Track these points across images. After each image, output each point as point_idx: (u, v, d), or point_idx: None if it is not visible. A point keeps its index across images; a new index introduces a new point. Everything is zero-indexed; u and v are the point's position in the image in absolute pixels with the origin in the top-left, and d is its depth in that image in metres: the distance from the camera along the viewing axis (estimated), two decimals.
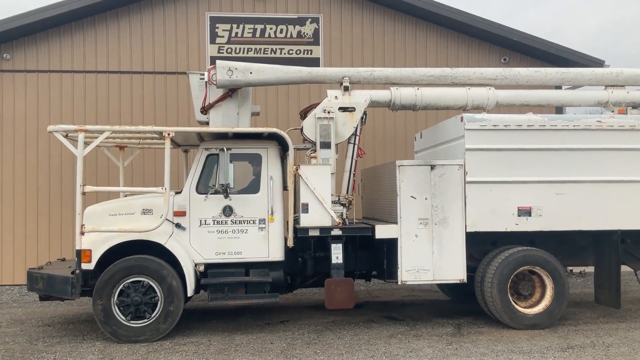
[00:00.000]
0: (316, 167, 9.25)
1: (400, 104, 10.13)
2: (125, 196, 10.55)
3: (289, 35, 14.32)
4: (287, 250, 9.22)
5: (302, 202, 9.06)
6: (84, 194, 8.54)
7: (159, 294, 8.64)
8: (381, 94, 10.09)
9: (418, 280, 9.16)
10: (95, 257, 8.63)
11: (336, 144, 9.75)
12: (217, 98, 9.96)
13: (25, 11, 13.26)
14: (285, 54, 14.25)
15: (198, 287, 9.05)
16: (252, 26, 14.24)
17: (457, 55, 14.90)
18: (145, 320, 8.63)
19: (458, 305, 11.02)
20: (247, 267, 9.09)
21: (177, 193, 9.13)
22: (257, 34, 14.23)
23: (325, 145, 9.62)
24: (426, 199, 9.14)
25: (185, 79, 13.89)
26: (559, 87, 12.13)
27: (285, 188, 9.37)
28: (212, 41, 14.22)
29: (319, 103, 9.90)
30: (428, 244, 9.10)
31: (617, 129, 9.39)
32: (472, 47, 15.00)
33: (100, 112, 13.79)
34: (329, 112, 9.69)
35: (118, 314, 8.57)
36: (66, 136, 8.94)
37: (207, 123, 10.14)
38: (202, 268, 8.99)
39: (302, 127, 9.86)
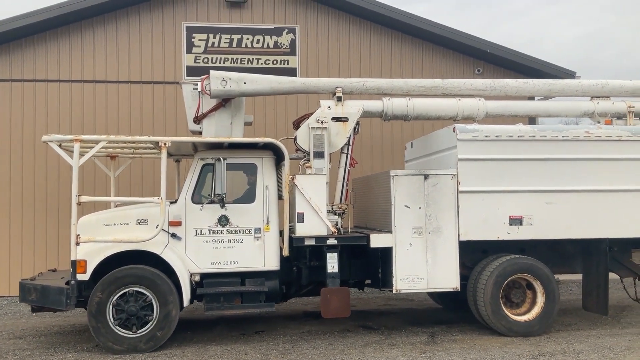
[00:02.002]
0: (312, 176, 9.31)
1: (393, 114, 10.25)
2: (116, 206, 10.51)
3: (265, 46, 14.38)
4: (282, 260, 9.25)
5: (298, 211, 9.10)
6: (79, 204, 8.49)
7: (154, 315, 8.61)
8: (373, 104, 10.20)
9: (412, 289, 9.26)
10: (90, 268, 8.55)
11: (329, 154, 9.82)
12: (210, 108, 9.98)
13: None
14: (262, 64, 14.29)
15: (193, 297, 9.03)
16: (228, 36, 14.28)
17: (432, 66, 15.10)
18: (130, 332, 8.57)
19: (432, 314, 11.17)
20: (243, 276, 9.09)
21: (171, 203, 9.11)
22: (234, 44, 14.28)
23: (319, 155, 9.69)
24: (420, 208, 9.26)
25: (161, 89, 13.94)
26: (531, 98, 12.29)
27: (279, 197, 9.41)
28: (189, 51, 14.21)
29: (312, 113, 9.97)
30: (422, 252, 9.21)
31: (604, 139, 9.62)
32: (447, 58, 15.21)
33: (74, 122, 13.63)
34: (322, 122, 9.76)
35: (109, 314, 8.51)
36: (59, 146, 8.87)
37: (199, 132, 10.15)
38: (197, 278, 8.96)
39: (295, 137, 9.92)
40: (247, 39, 14.36)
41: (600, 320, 10.37)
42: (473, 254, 9.66)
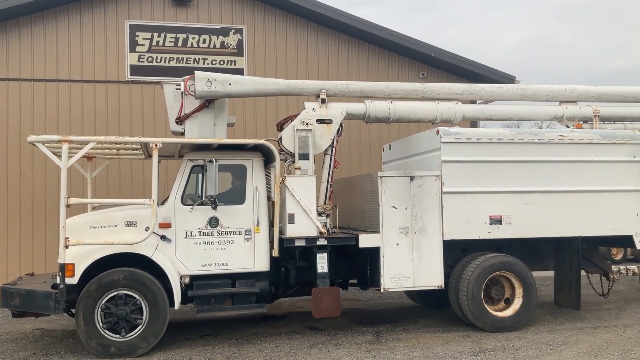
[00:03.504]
0: (302, 178, 9.38)
1: (375, 116, 10.44)
2: (94, 208, 10.32)
3: (212, 46, 14.33)
4: (271, 260, 9.28)
5: (289, 212, 9.17)
6: (68, 206, 8.31)
7: (129, 334, 8.46)
8: (356, 107, 10.35)
9: (399, 288, 9.49)
10: (79, 272, 8.39)
11: (313, 155, 9.91)
12: (194, 109, 9.89)
13: None
14: (208, 64, 14.23)
15: (183, 299, 8.95)
16: (174, 35, 14.16)
17: (378, 68, 15.39)
18: (99, 325, 8.35)
19: (378, 314, 11.40)
20: (233, 278, 9.09)
21: (159, 204, 9.01)
22: (180, 44, 14.17)
23: (304, 156, 9.75)
24: (406, 208, 9.48)
25: (103, 88, 13.72)
26: (473, 102, 12.65)
27: (268, 198, 9.45)
28: (132, 49, 14.03)
29: (296, 115, 10.04)
30: (408, 252, 9.44)
31: (577, 142, 10.10)
32: (392, 62, 15.51)
33: (11, 121, 13.30)
34: (307, 124, 9.84)
35: (101, 304, 8.38)
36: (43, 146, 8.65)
37: (182, 133, 10.08)
38: (187, 280, 8.91)
39: (280, 138, 9.96)
40: (193, 38, 14.27)
41: (539, 317, 10.75)
42: (453, 252, 9.94)
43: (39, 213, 13.15)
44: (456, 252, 10.01)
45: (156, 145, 8.64)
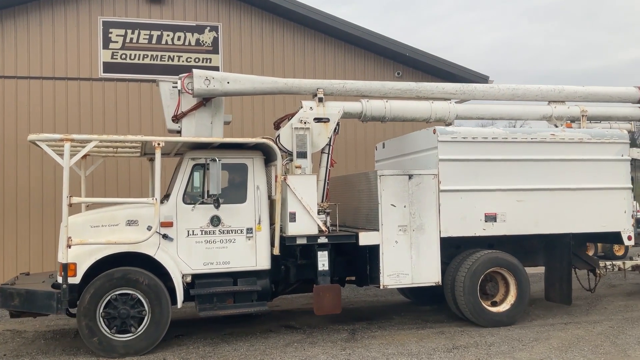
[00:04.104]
0: (303, 176, 9.44)
1: (371, 115, 10.55)
2: (87, 207, 10.23)
3: (187, 43, 14.28)
4: (272, 259, 9.31)
5: (290, 211, 9.21)
6: (70, 205, 8.22)
7: (124, 335, 8.42)
8: (353, 106, 10.45)
9: (398, 284, 9.62)
10: (81, 271, 8.31)
11: (311, 154, 9.97)
12: (190, 107, 9.86)
13: None
14: (183, 61, 14.17)
15: (185, 298, 8.93)
16: (148, 32, 14.06)
17: (354, 67, 15.51)
18: (99, 310, 8.31)
19: (353, 311, 11.47)
20: (235, 276, 9.11)
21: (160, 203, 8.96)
22: (154, 41, 14.09)
23: (302, 154, 9.82)
24: (405, 206, 9.62)
25: (75, 85, 13.58)
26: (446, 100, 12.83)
27: (268, 197, 9.47)
28: (105, 46, 13.89)
29: (293, 114, 10.08)
30: (407, 249, 9.57)
31: (567, 141, 10.37)
32: (368, 61, 15.64)
33: None
34: (305, 123, 9.90)
35: (114, 294, 8.37)
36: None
37: (178, 131, 10.03)
38: (189, 279, 8.89)
39: (277, 137, 9.96)
40: (168, 35, 14.18)
41: None
42: (448, 249, 10.10)
43: (33, 212, 13.04)
44: (450, 249, 10.17)
45: (159, 144, 8.60)
